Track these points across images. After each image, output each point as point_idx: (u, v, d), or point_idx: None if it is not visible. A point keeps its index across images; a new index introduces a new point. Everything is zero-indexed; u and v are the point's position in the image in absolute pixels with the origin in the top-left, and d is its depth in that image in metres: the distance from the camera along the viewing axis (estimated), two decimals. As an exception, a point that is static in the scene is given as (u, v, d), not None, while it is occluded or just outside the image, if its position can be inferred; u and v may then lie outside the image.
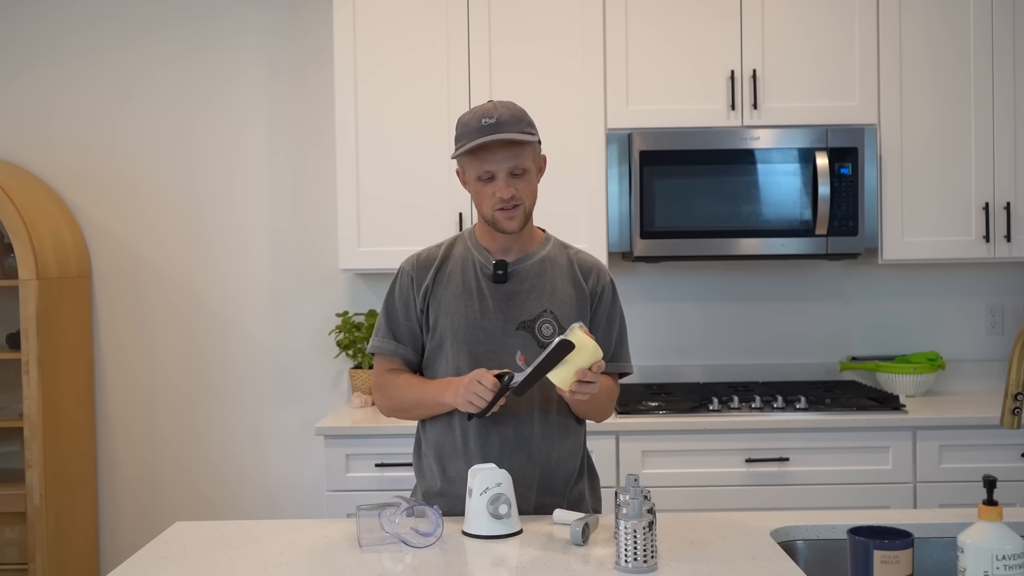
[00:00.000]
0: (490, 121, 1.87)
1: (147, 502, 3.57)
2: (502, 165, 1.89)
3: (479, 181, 1.92)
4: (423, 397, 1.97)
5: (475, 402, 1.82)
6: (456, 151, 1.91)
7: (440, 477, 1.99)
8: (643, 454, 2.94)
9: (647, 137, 3.13)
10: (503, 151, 1.88)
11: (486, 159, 1.89)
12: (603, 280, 2.05)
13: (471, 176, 1.93)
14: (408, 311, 2.01)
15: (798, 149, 3.12)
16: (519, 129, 1.89)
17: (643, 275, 3.53)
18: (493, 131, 1.86)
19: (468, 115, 1.92)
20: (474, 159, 1.90)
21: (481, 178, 1.91)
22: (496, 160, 1.88)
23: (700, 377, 3.52)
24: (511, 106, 1.91)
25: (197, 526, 1.92)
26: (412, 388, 1.99)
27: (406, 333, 2.02)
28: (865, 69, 3.18)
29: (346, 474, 2.96)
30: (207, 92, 3.55)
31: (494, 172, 1.89)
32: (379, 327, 2.05)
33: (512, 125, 1.88)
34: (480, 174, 1.90)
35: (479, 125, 1.87)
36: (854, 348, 3.53)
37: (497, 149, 1.88)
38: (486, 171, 1.89)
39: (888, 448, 2.94)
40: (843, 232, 3.11)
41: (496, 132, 1.86)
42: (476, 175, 1.91)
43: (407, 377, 2.02)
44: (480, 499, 1.74)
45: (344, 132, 3.20)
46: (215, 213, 3.56)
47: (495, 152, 1.88)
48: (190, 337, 3.57)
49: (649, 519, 1.57)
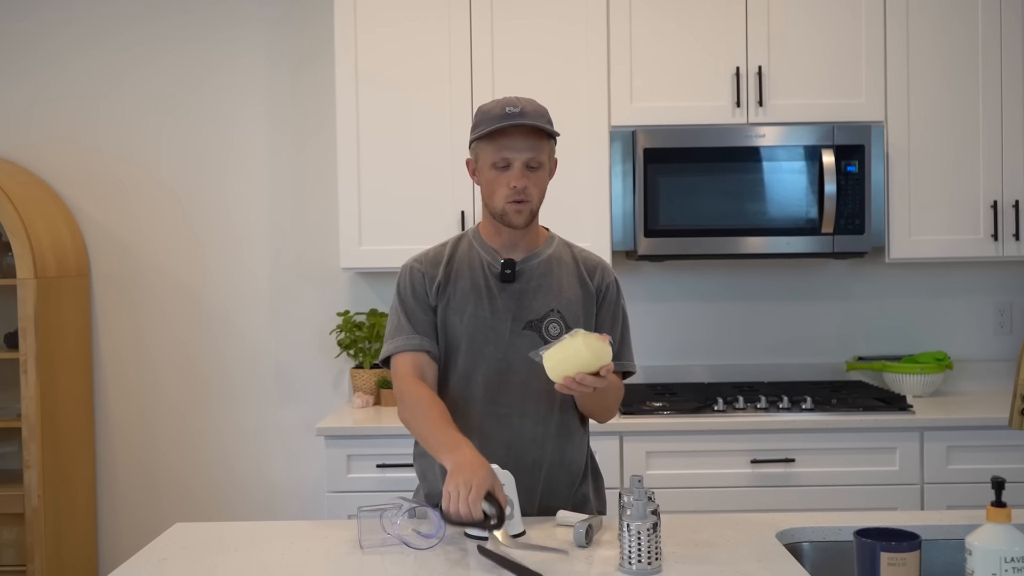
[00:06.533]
0: (514, 110, 1.88)
1: (146, 503, 3.58)
2: (521, 154, 1.88)
3: (493, 169, 1.91)
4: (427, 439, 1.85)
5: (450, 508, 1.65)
6: (475, 135, 1.91)
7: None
8: (647, 455, 2.94)
9: (651, 134, 3.13)
10: (524, 140, 1.88)
11: (505, 145, 1.88)
12: (607, 278, 2.05)
13: (485, 163, 1.92)
14: (424, 306, 1.97)
15: (804, 147, 3.11)
16: (543, 122, 1.90)
17: (647, 274, 3.52)
18: (517, 119, 1.87)
19: (490, 104, 1.93)
20: (492, 144, 1.89)
21: (496, 165, 1.90)
22: (516, 147, 1.88)
23: (705, 377, 3.52)
24: (534, 101, 1.92)
25: (197, 527, 1.92)
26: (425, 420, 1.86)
27: (427, 327, 1.97)
28: (872, 66, 3.17)
29: (347, 475, 2.96)
30: (206, 87, 3.55)
31: (511, 160, 1.89)
32: (398, 327, 1.97)
33: (536, 117, 1.89)
34: (497, 160, 1.90)
35: (502, 112, 1.88)
36: (860, 348, 3.53)
37: (518, 137, 1.88)
38: (503, 157, 1.89)
39: (895, 449, 2.93)
40: (849, 231, 3.11)
41: (520, 120, 1.87)
42: (492, 161, 1.90)
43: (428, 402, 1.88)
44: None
45: (345, 129, 3.20)
46: (214, 211, 3.56)
47: (516, 140, 1.88)
48: (189, 336, 3.57)
49: (653, 520, 1.57)
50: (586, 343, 1.71)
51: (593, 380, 1.72)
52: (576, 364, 1.71)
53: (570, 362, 1.72)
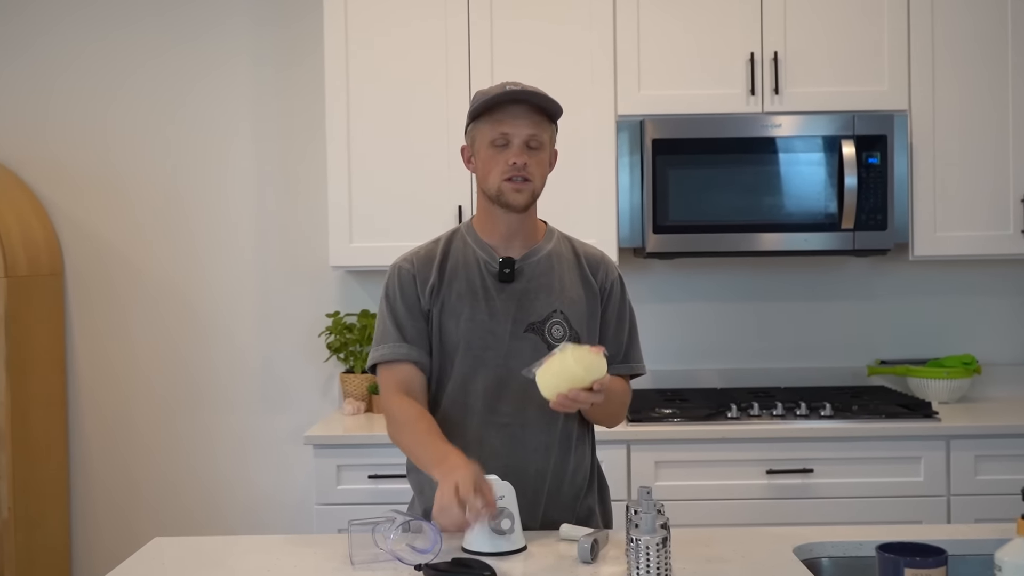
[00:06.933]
0: (515, 88, 1.90)
1: (124, 516, 3.58)
2: (521, 130, 1.90)
3: (491, 147, 1.92)
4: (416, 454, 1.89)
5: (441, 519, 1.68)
6: (472, 114, 1.93)
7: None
8: (656, 465, 2.95)
9: (660, 124, 3.13)
10: (524, 117, 1.90)
11: (504, 121, 1.90)
12: (611, 275, 2.05)
13: (483, 143, 1.93)
14: (414, 311, 1.97)
15: (823, 137, 3.11)
16: (546, 100, 1.92)
17: (656, 273, 3.53)
18: (518, 94, 1.89)
19: (488, 87, 1.96)
20: (490, 121, 1.91)
21: (495, 143, 1.91)
22: (516, 123, 1.90)
23: (717, 382, 3.52)
24: (537, 88, 1.95)
25: (177, 542, 1.92)
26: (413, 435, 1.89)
27: (416, 335, 1.96)
28: (895, 51, 3.17)
29: (337, 486, 2.96)
30: (188, 77, 3.55)
31: (511, 137, 1.90)
32: (385, 334, 1.97)
33: (538, 95, 1.91)
34: (495, 137, 1.91)
35: (503, 90, 1.90)
36: (883, 351, 3.53)
37: (519, 113, 1.90)
38: (502, 133, 1.90)
39: (920, 458, 2.94)
40: (871, 226, 3.11)
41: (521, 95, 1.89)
42: (490, 139, 1.92)
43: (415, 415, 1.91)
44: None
45: (335, 118, 3.20)
46: (197, 207, 3.56)
47: (516, 116, 1.90)
48: (170, 339, 3.57)
49: (663, 535, 1.57)
50: (576, 358, 1.73)
51: (588, 396, 1.74)
52: (568, 380, 1.73)
53: (562, 378, 1.74)
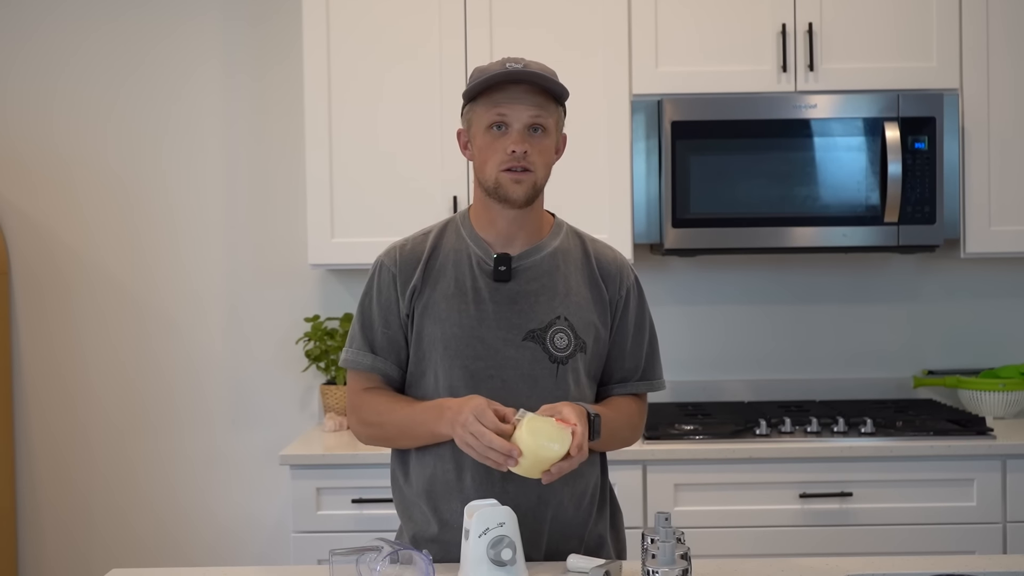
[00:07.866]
0: (516, 65, 1.89)
1: (77, 544, 3.57)
2: (522, 113, 1.89)
3: (489, 131, 1.91)
4: (410, 425, 1.93)
5: (473, 445, 1.77)
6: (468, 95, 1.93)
7: (434, 519, 1.97)
8: (676, 487, 2.95)
9: (680, 105, 3.14)
10: (526, 97, 1.89)
11: (503, 103, 1.89)
12: (627, 281, 2.04)
13: (480, 126, 1.92)
14: (389, 317, 1.98)
15: (863, 119, 3.12)
16: (551, 81, 1.90)
17: (676, 272, 3.53)
18: (519, 74, 1.88)
19: (488, 64, 1.95)
20: (488, 103, 1.90)
21: (493, 126, 1.90)
22: (516, 105, 1.89)
23: (745, 395, 3.52)
24: (542, 64, 1.94)
25: (137, 574, 1.91)
26: (395, 412, 1.95)
27: (386, 344, 1.99)
28: (945, 23, 3.17)
29: (317, 512, 2.97)
30: (148, 56, 3.55)
31: (510, 121, 1.89)
32: (353, 336, 2.02)
33: (542, 75, 1.90)
34: (494, 120, 1.90)
35: (502, 68, 1.89)
36: (931, 360, 3.53)
37: (519, 93, 1.89)
38: (501, 114, 1.89)
39: (972, 481, 2.94)
40: (917, 220, 3.11)
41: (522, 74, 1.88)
42: (488, 122, 1.91)
43: (388, 398, 1.99)
44: (479, 542, 1.72)
45: (314, 99, 3.20)
46: (158, 200, 3.56)
47: (517, 97, 1.89)
48: (130, 347, 3.56)
49: (683, 567, 1.56)
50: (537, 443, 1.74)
51: (568, 466, 1.77)
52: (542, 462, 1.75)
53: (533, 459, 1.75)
